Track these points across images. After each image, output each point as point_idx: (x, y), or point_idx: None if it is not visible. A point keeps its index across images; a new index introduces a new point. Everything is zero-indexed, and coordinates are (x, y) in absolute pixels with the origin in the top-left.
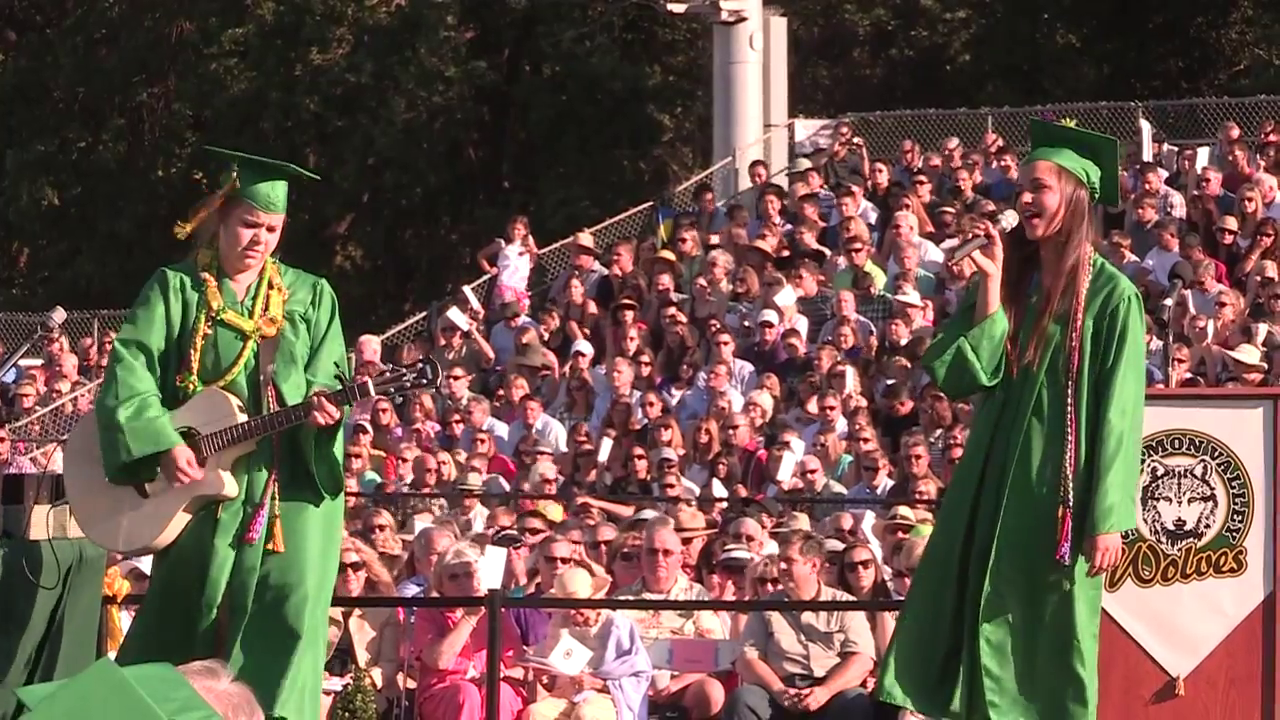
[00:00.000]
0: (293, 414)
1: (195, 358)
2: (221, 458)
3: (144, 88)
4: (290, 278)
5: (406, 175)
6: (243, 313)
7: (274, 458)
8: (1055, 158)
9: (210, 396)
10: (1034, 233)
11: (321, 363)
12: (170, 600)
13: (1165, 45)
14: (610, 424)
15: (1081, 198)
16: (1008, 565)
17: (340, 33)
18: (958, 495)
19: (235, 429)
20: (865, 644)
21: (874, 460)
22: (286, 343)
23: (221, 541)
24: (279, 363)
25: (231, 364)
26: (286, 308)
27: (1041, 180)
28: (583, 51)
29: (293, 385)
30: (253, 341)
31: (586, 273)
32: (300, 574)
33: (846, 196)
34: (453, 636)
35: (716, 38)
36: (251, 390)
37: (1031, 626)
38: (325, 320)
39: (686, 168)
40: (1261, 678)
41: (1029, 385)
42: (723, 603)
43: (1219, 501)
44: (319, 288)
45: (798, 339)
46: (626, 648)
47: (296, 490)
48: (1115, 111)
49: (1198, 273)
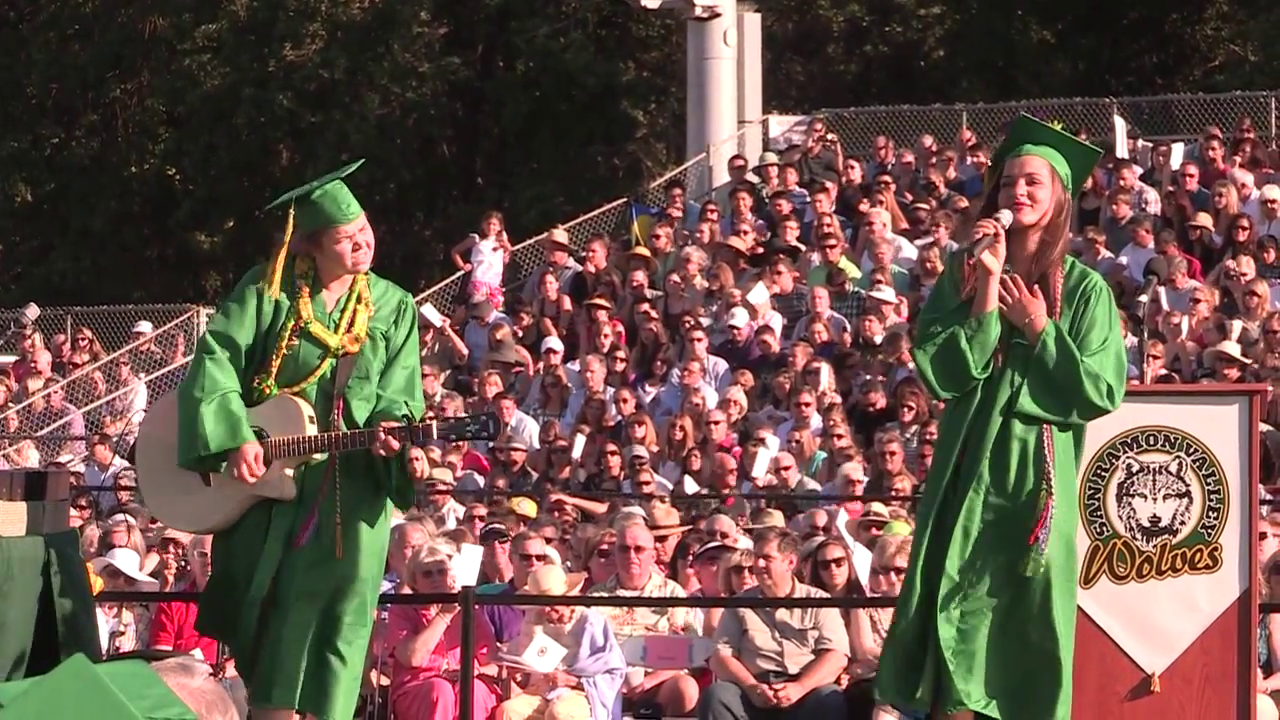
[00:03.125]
0: (357, 440)
1: (276, 364)
2: (286, 462)
3: (117, 83)
4: (379, 290)
5: (380, 171)
6: (329, 326)
7: (332, 469)
8: (1045, 154)
9: (285, 403)
10: (1022, 218)
11: (394, 378)
12: (226, 587)
13: (1140, 41)
14: (584, 421)
15: (1067, 201)
16: (981, 555)
17: (314, 28)
18: (930, 488)
19: (302, 441)
20: (839, 641)
21: (848, 456)
22: (364, 360)
23: (272, 541)
24: (353, 379)
25: (308, 374)
26: (371, 324)
27: (1036, 175)
28: (556, 47)
29: (361, 401)
30: (332, 356)
31: (560, 269)
32: (351, 578)
33: (820, 193)
34: (427, 634)
35: (690, 34)
36: (322, 400)
37: (1007, 615)
38: (403, 337)
39: (660, 164)
40: (1237, 674)
41: (1002, 381)
42: (697, 599)
43: (1194, 498)
44: (404, 304)
45: (771, 336)
46: (600, 645)
47: (353, 495)
48: (1090, 107)
49: (1172, 269)
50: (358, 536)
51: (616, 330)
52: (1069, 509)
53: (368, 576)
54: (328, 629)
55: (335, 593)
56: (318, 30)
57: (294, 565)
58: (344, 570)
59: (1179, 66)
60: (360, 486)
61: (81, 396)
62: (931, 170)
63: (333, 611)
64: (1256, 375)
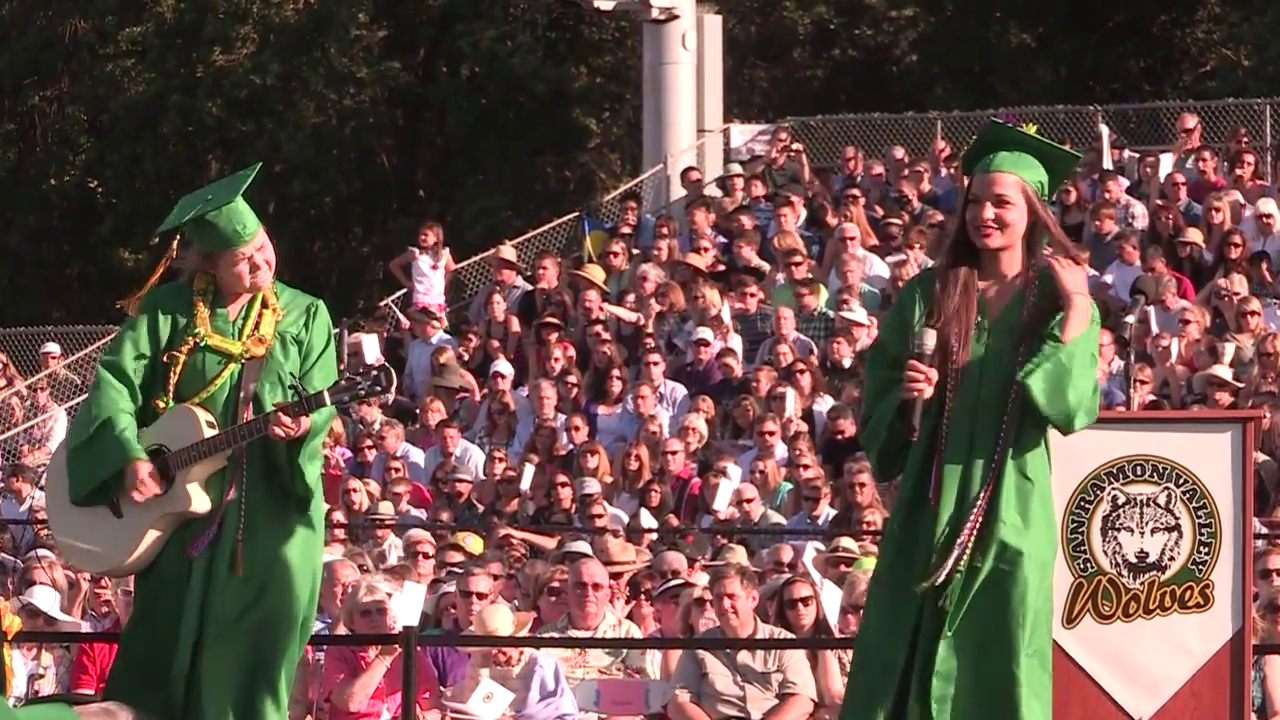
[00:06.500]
0: (254, 427)
1: (173, 381)
2: (190, 473)
3: (36, 90)
4: (286, 297)
5: (315, 183)
6: (232, 334)
7: (238, 474)
8: (1018, 169)
9: (178, 413)
10: (989, 244)
11: (313, 382)
12: (149, 628)
13: (1126, 45)
14: (533, 450)
15: (1043, 211)
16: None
17: (245, 31)
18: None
19: (201, 444)
20: (805, 684)
21: (815, 490)
22: (274, 363)
23: (197, 567)
24: (264, 383)
25: (209, 383)
26: (279, 328)
27: (1005, 196)
28: (503, 51)
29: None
30: (236, 362)
31: (508, 288)
32: (274, 601)
33: (785, 207)
34: (365, 677)
35: (646, 37)
36: (229, 409)
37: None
38: (319, 343)
39: (615, 176)
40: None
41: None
42: (654, 640)
43: (1184, 532)
44: (313, 308)
45: (734, 359)
46: (551, 689)
47: (273, 514)
48: (1073, 115)
49: (1161, 288)
50: (272, 554)
51: (568, 354)
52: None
53: (288, 600)
54: (253, 666)
55: (257, 624)
56: (249, 33)
57: (220, 588)
58: (260, 594)
59: (1167, 72)
60: (267, 495)
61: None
62: (904, 183)
63: (257, 646)
64: (1250, 401)
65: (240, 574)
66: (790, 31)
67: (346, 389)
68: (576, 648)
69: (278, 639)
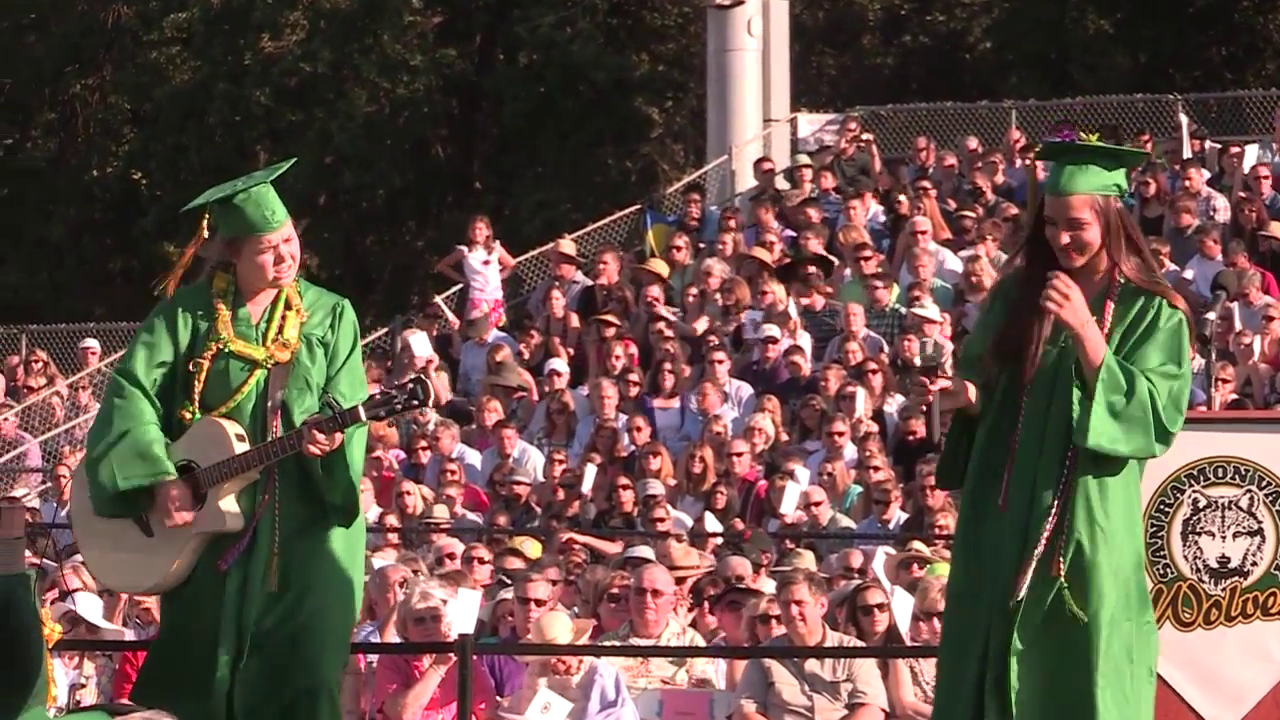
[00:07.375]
0: (287, 443)
1: (198, 389)
2: (221, 490)
3: (77, 79)
4: (311, 297)
5: (367, 175)
6: (255, 339)
7: (270, 485)
8: (1088, 183)
9: (207, 427)
10: (1072, 264)
11: (339, 386)
12: (179, 645)
13: (1207, 32)
14: (594, 450)
15: (1118, 216)
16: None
17: (294, 18)
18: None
19: (232, 461)
20: (875, 694)
21: (886, 492)
22: (301, 369)
23: (230, 581)
24: (291, 390)
25: (235, 391)
26: (304, 331)
27: (1079, 219)
28: (562, 38)
29: (304, 413)
30: (261, 369)
31: (568, 283)
32: (313, 616)
33: (855, 199)
34: (419, 687)
35: (711, 23)
36: (257, 418)
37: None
38: (346, 345)
39: (677, 167)
40: None
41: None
42: (719, 649)
43: (1267, 536)
44: (339, 309)
45: (801, 357)
46: (612, 699)
47: (310, 523)
48: (1152, 105)
49: (1243, 283)
50: (310, 563)
51: (629, 351)
52: (1128, 541)
53: (329, 609)
54: (295, 677)
55: (297, 634)
56: (299, 20)
57: (256, 603)
58: (298, 604)
59: (1250, 60)
60: (304, 508)
61: (38, 424)
62: (977, 174)
63: (298, 657)
64: None
65: (275, 588)
66: (859, 17)
67: (382, 403)
68: (638, 656)
69: (321, 649)
